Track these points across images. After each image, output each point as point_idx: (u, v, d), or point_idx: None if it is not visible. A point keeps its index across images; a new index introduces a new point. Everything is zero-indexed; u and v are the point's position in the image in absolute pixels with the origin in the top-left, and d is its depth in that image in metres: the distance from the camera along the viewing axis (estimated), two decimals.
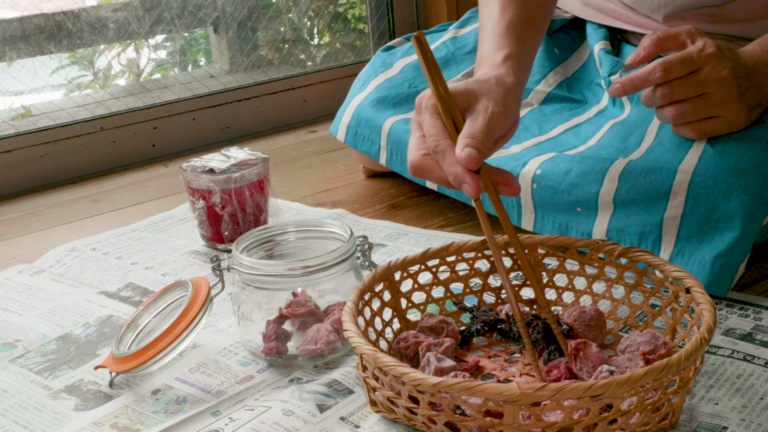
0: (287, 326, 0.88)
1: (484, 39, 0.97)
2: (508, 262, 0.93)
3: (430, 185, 1.19)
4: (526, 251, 0.90)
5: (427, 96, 0.83)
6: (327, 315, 0.89)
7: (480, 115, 0.82)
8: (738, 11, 1.07)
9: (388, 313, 0.88)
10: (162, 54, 1.86)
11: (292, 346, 0.88)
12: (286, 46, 1.92)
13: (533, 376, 0.82)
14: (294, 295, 0.88)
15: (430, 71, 0.81)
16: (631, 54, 0.98)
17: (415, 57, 1.30)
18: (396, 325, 0.89)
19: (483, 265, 0.93)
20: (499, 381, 0.82)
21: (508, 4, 1.00)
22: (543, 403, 0.66)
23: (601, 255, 0.88)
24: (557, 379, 0.78)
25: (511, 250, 0.92)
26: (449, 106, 0.82)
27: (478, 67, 0.95)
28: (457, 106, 0.82)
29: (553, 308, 0.92)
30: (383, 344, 0.86)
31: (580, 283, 0.93)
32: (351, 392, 0.82)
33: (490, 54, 0.94)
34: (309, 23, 1.97)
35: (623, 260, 0.87)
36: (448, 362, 0.79)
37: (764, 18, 1.07)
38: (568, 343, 0.80)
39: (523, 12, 1.00)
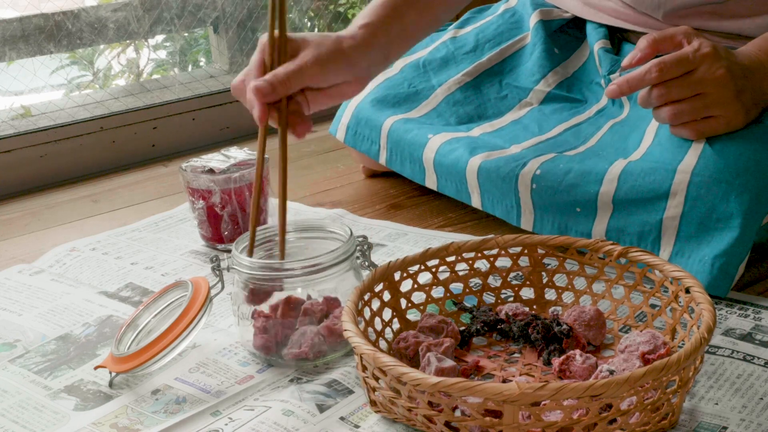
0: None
1: (364, 9, 1.05)
2: (507, 262, 0.93)
3: (430, 185, 1.19)
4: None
5: (265, 35, 0.92)
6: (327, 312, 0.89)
7: (295, 61, 0.91)
8: (738, 8, 1.07)
9: (387, 313, 0.88)
10: (162, 54, 1.86)
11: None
12: None
13: (533, 376, 0.82)
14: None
15: (272, 11, 0.90)
16: (627, 55, 0.98)
17: (414, 57, 1.31)
18: (396, 325, 0.89)
19: (483, 265, 0.93)
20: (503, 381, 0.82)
21: None
22: (543, 402, 0.67)
23: (600, 255, 0.88)
24: (563, 372, 0.79)
25: (512, 250, 0.92)
26: (280, 47, 0.91)
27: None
28: (288, 51, 0.92)
29: (552, 308, 0.92)
30: (383, 344, 0.86)
31: (580, 283, 0.93)
32: (351, 392, 0.82)
33: (356, 20, 1.01)
34: (309, 23, 1.97)
35: (623, 260, 0.87)
36: (449, 362, 0.79)
37: (764, 15, 1.07)
38: (553, 362, 0.81)
39: None
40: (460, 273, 0.92)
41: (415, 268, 0.90)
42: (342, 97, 0.97)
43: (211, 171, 1.12)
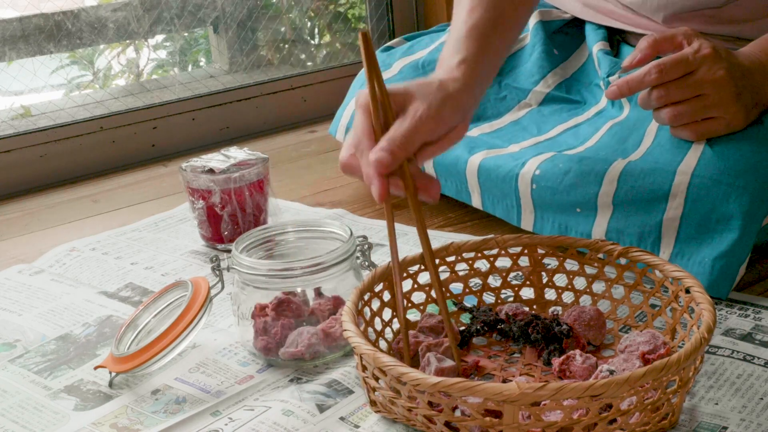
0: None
1: (448, 41, 0.96)
2: (507, 262, 0.93)
3: None
4: (440, 264, 0.90)
5: (363, 94, 0.82)
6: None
7: (408, 118, 0.81)
8: (738, 12, 1.07)
9: (387, 313, 0.88)
10: (162, 54, 1.86)
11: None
12: (286, 46, 1.92)
13: (533, 376, 0.82)
14: (293, 295, 0.88)
15: (369, 69, 0.80)
16: (627, 56, 0.98)
17: (414, 57, 1.30)
18: (396, 325, 0.89)
19: (483, 265, 0.93)
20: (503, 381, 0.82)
21: (477, 5, 0.97)
22: (543, 402, 0.67)
23: (600, 255, 0.88)
24: (563, 372, 0.79)
25: (512, 250, 0.92)
26: (384, 105, 0.81)
27: (436, 70, 0.93)
28: (392, 107, 0.82)
29: (552, 308, 0.92)
30: (383, 344, 0.86)
31: (580, 283, 0.93)
32: (351, 392, 0.82)
33: (447, 57, 0.93)
34: (309, 23, 1.97)
35: (623, 260, 0.87)
36: (449, 362, 0.79)
37: (764, 18, 1.07)
38: (553, 362, 0.81)
39: (491, 14, 0.96)
40: (460, 273, 0.92)
41: (415, 268, 0.90)
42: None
43: (211, 171, 1.12)
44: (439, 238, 1.14)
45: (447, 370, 0.78)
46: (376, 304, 0.86)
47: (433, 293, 0.92)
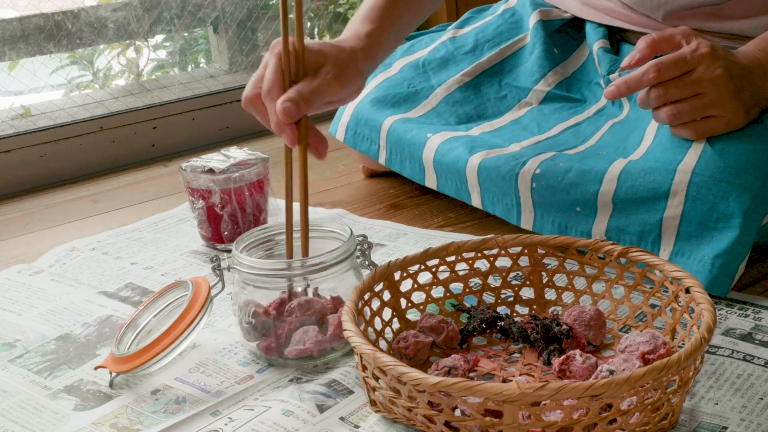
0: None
1: (361, 7, 1.05)
2: (507, 262, 0.93)
3: (430, 185, 1.18)
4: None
5: (279, 42, 0.90)
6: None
7: (318, 78, 0.90)
8: (737, 9, 1.07)
9: (387, 313, 0.88)
10: (162, 54, 1.86)
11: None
12: None
13: (533, 376, 0.82)
14: (294, 294, 0.88)
15: (284, 21, 0.88)
16: (626, 57, 0.98)
17: (414, 56, 1.31)
18: (396, 324, 0.89)
19: (483, 265, 0.93)
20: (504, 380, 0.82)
21: None
22: (543, 402, 0.66)
23: (600, 255, 0.88)
24: (563, 372, 0.79)
25: (512, 250, 0.92)
26: (297, 57, 0.89)
27: (344, 33, 1.02)
28: (306, 62, 0.90)
29: (552, 308, 0.92)
30: (383, 344, 0.86)
31: (580, 283, 0.93)
32: (351, 392, 0.82)
33: (358, 23, 1.02)
34: (309, 23, 1.97)
35: (623, 260, 0.87)
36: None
37: (763, 15, 1.07)
38: (553, 362, 0.81)
39: None
40: (460, 273, 0.92)
41: (415, 267, 0.90)
42: (346, 103, 0.98)
43: (211, 171, 1.12)
44: (439, 238, 1.14)
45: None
46: (376, 304, 0.86)
47: (433, 293, 0.92)
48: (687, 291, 0.80)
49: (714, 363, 0.82)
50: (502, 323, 0.88)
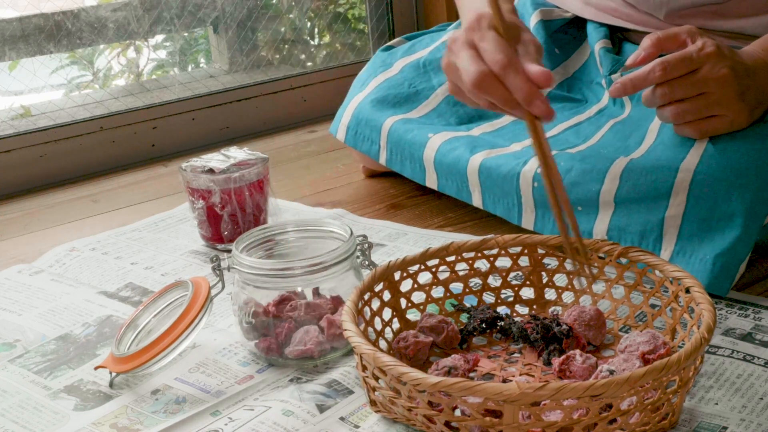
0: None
1: None
2: (507, 262, 0.93)
3: (430, 185, 1.18)
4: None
5: (486, 17, 0.90)
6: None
7: (530, 46, 0.91)
8: (740, 7, 1.07)
9: (387, 313, 0.88)
10: (162, 54, 1.86)
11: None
12: (286, 46, 1.92)
13: (533, 376, 0.82)
14: (294, 293, 0.88)
15: None
16: (631, 55, 0.98)
17: (415, 56, 1.30)
18: (396, 324, 0.89)
19: (483, 265, 0.92)
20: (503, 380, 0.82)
21: None
22: (543, 402, 0.66)
23: (601, 255, 0.88)
24: (563, 372, 0.79)
25: (512, 250, 0.92)
26: (507, 31, 0.89)
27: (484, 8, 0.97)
28: (508, 35, 0.89)
29: (552, 308, 0.92)
30: (383, 344, 0.86)
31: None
32: (351, 392, 0.82)
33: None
34: (309, 23, 1.97)
35: (623, 260, 0.87)
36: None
37: (766, 14, 1.07)
38: (553, 362, 0.80)
39: None
40: (460, 273, 0.92)
41: (415, 267, 0.90)
42: None
43: (211, 171, 1.12)
44: (439, 238, 1.14)
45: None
46: (376, 304, 0.86)
47: (433, 293, 0.92)
48: (687, 291, 0.80)
49: (714, 363, 0.82)
50: (502, 323, 0.88)
